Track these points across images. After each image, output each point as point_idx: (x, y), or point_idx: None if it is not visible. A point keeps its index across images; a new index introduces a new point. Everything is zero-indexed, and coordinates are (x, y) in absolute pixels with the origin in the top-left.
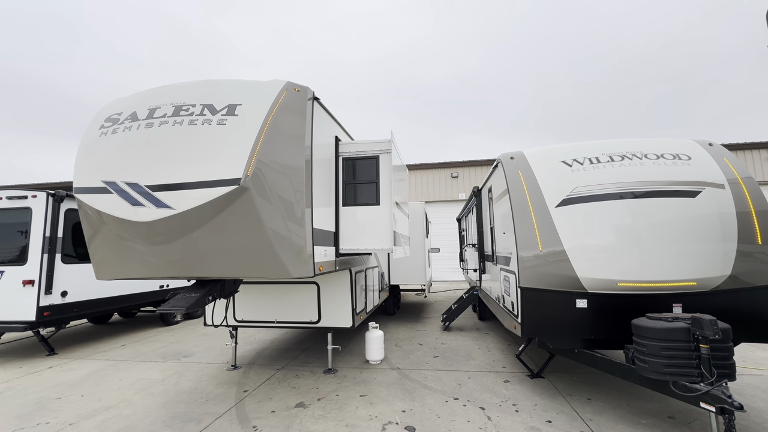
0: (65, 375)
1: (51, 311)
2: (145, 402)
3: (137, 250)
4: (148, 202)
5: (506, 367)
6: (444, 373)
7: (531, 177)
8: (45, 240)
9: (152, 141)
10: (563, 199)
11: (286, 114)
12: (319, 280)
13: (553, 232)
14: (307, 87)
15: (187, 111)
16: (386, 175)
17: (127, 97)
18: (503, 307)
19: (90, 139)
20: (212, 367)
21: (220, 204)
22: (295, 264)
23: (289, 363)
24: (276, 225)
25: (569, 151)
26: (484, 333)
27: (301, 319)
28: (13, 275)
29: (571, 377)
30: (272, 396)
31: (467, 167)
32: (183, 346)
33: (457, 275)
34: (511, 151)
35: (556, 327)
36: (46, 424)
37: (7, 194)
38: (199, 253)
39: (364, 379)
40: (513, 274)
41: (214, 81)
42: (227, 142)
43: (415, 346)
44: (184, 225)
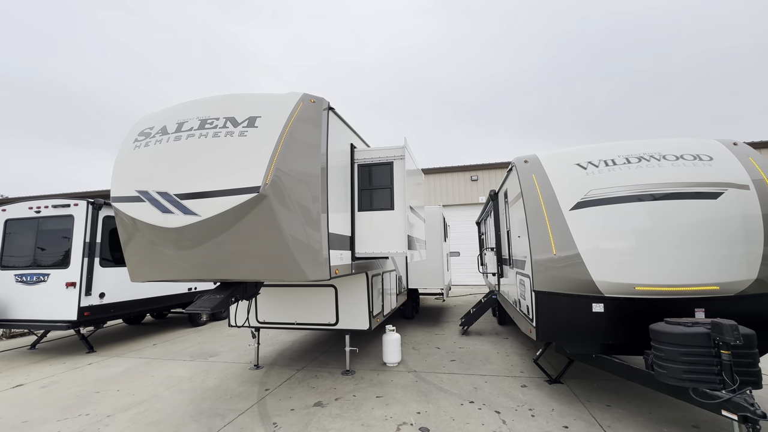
0: (103, 371)
1: (90, 311)
2: (174, 397)
3: (167, 254)
4: (177, 210)
5: (524, 372)
6: (460, 377)
7: (545, 180)
8: (85, 245)
9: (180, 153)
10: (577, 202)
11: (302, 124)
12: (337, 283)
13: (568, 235)
14: (323, 98)
15: (212, 124)
16: (400, 181)
17: (158, 112)
18: (519, 311)
19: (125, 151)
20: (236, 367)
21: (241, 210)
22: (312, 267)
23: (308, 364)
24: (293, 230)
25: (584, 153)
26: (503, 337)
27: (320, 321)
28: (57, 278)
29: (591, 383)
30: (292, 395)
31: (487, 170)
32: (209, 346)
33: (478, 279)
34: (525, 155)
35: (572, 331)
36: (86, 416)
37: (53, 203)
38: (223, 257)
39: (380, 381)
40: (528, 278)
41: (235, 95)
42: (247, 153)
43: (433, 349)
44: (209, 230)
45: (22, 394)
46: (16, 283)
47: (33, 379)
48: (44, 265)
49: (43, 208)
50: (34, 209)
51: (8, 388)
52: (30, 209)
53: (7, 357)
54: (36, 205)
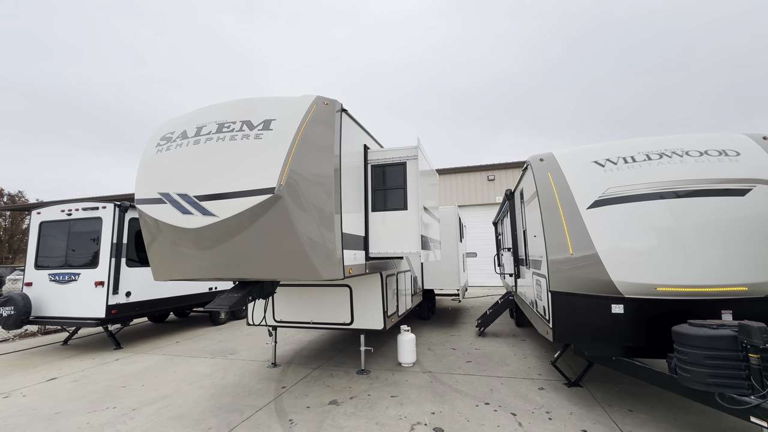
0: (129, 367)
1: (117, 309)
2: (195, 393)
3: (187, 254)
4: (196, 211)
5: (542, 374)
6: (476, 378)
7: (561, 178)
8: (112, 246)
9: (199, 156)
10: (595, 200)
11: (316, 126)
12: (351, 283)
13: (585, 234)
14: (336, 100)
15: (229, 128)
16: (413, 181)
17: (178, 118)
18: (536, 312)
19: (148, 155)
20: (254, 364)
21: (257, 211)
22: (326, 267)
23: (324, 363)
24: (308, 230)
25: (602, 150)
26: (520, 339)
27: (335, 321)
28: (87, 277)
29: (613, 387)
30: (308, 393)
31: (504, 170)
32: (229, 344)
33: (495, 280)
34: (540, 153)
35: (591, 333)
36: (113, 408)
37: (83, 206)
38: (240, 257)
39: (395, 381)
40: (544, 278)
41: (252, 99)
42: (263, 155)
43: (449, 350)
44: (226, 231)
45: (55, 387)
46: (50, 282)
47: (65, 373)
48: (75, 265)
49: (73, 210)
50: (66, 212)
51: (43, 381)
52: (62, 212)
53: (43, 352)
54: (67, 208)
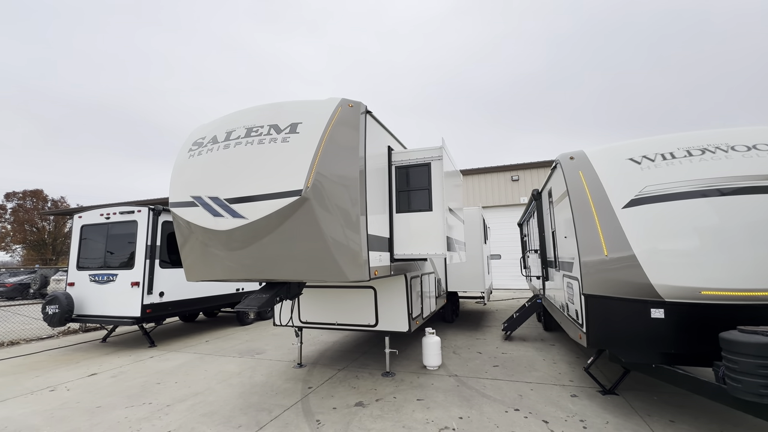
0: (163, 364)
1: (152, 309)
2: (225, 391)
3: (218, 255)
4: (227, 213)
5: (574, 381)
6: (504, 383)
7: (593, 177)
8: (147, 248)
9: (229, 160)
10: (631, 199)
11: (341, 128)
12: (376, 284)
13: (620, 235)
14: (360, 102)
15: (257, 132)
16: (438, 182)
17: (208, 123)
18: (567, 316)
19: (181, 160)
20: (281, 364)
21: (284, 213)
22: (352, 268)
23: (349, 364)
24: (334, 231)
25: (637, 147)
26: (549, 344)
27: (360, 322)
28: (124, 278)
29: (651, 396)
30: (333, 394)
31: (528, 169)
32: (256, 344)
33: (520, 283)
34: (571, 151)
35: (628, 338)
36: (149, 404)
37: (120, 209)
38: (268, 258)
39: (421, 384)
40: (576, 281)
41: (278, 103)
42: (290, 158)
43: (474, 354)
44: (255, 233)
45: (96, 382)
46: (90, 282)
47: (105, 369)
48: (113, 266)
49: (111, 214)
50: (104, 216)
51: (85, 376)
52: (101, 216)
53: (84, 348)
54: (106, 212)
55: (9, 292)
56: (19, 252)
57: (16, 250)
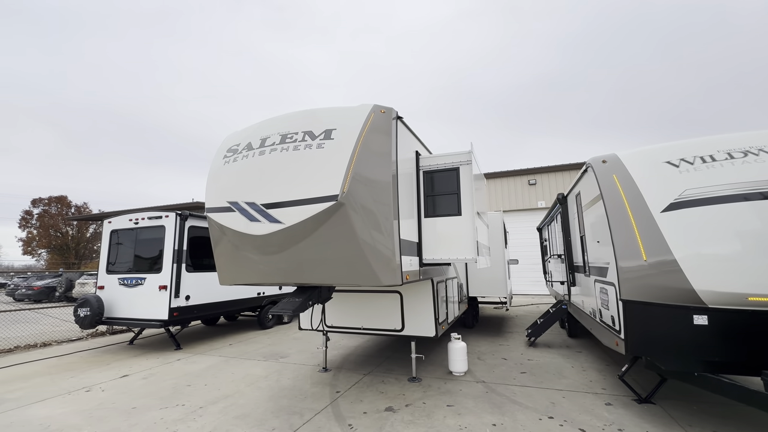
0: (190, 366)
1: (179, 312)
2: (254, 394)
3: (253, 259)
4: (263, 218)
5: (606, 389)
6: (534, 390)
7: (628, 180)
8: (174, 252)
9: (265, 166)
10: (670, 203)
11: (374, 134)
12: (402, 289)
13: (660, 239)
14: (391, 108)
15: (292, 138)
16: (467, 186)
17: (242, 130)
18: (600, 322)
19: (216, 167)
20: (306, 368)
21: (320, 218)
22: (385, 273)
23: (374, 369)
24: (368, 236)
25: (674, 150)
26: (575, 351)
27: (386, 327)
28: (152, 281)
29: (690, 406)
30: (362, 399)
31: (546, 173)
32: (279, 348)
33: (537, 288)
34: (602, 154)
35: (668, 346)
36: (182, 406)
37: (148, 215)
38: (303, 262)
39: (449, 390)
40: (612, 286)
41: (312, 110)
42: (325, 163)
43: (499, 360)
44: (291, 237)
45: (128, 383)
46: (119, 286)
47: (135, 370)
48: (141, 270)
49: (140, 219)
50: (134, 221)
51: (117, 378)
52: (130, 221)
53: (113, 350)
54: (134, 217)
55: (36, 294)
56: (43, 256)
57: (41, 254)
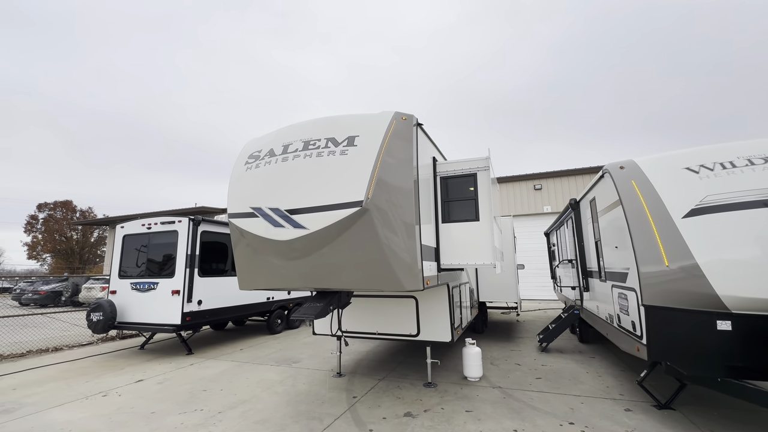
0: (204, 371)
1: (191, 317)
2: (271, 399)
3: (275, 264)
4: (287, 224)
5: (624, 394)
6: (551, 396)
7: (647, 186)
8: (187, 257)
9: (288, 172)
10: (692, 209)
11: (396, 141)
12: (418, 294)
13: (682, 245)
14: (412, 115)
15: (314, 145)
16: (485, 192)
17: (263, 137)
18: (618, 328)
19: (238, 173)
20: (320, 373)
21: (345, 224)
22: (408, 278)
23: (388, 374)
24: (391, 242)
25: (694, 156)
26: (588, 356)
27: (401, 332)
28: (165, 286)
29: (710, 411)
30: (380, 404)
31: (551, 178)
32: (290, 353)
33: (544, 293)
34: (619, 161)
35: (691, 351)
36: (201, 411)
37: (161, 220)
38: (326, 267)
39: (465, 395)
40: (633, 292)
41: (334, 117)
42: (349, 170)
43: (513, 365)
44: (315, 243)
45: (144, 388)
46: (131, 291)
47: (149, 375)
48: (154, 274)
49: (153, 224)
50: (146, 226)
51: (132, 382)
52: (142, 226)
53: (125, 355)
54: (147, 222)
55: (42, 299)
56: (47, 261)
57: (45, 258)
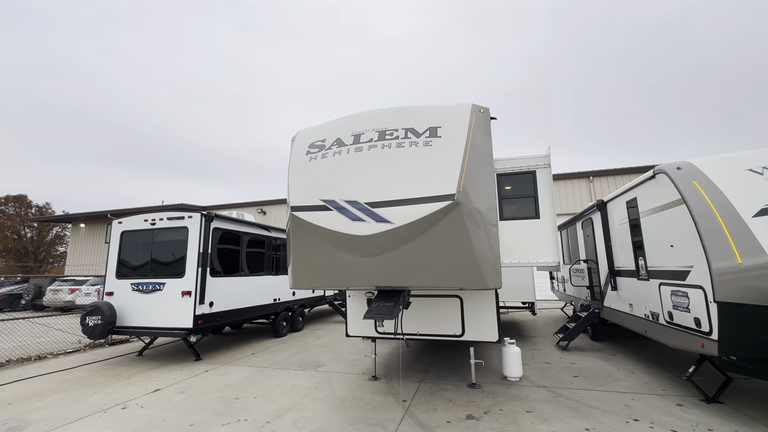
0: (225, 378)
1: (203, 320)
2: (315, 406)
3: (348, 261)
4: (368, 218)
5: (666, 390)
6: (600, 394)
7: (711, 186)
8: (199, 255)
9: (364, 163)
10: (762, 208)
11: (479, 134)
12: (463, 294)
13: (754, 242)
14: (488, 108)
15: (391, 135)
16: (545, 189)
17: (321, 126)
18: (668, 325)
19: (299, 163)
20: (352, 377)
21: (434, 218)
22: (491, 276)
23: (424, 377)
24: (478, 237)
25: (755, 158)
26: (610, 354)
27: (445, 332)
28: (173, 287)
29: (757, 404)
30: (435, 407)
31: None
32: (308, 357)
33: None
34: (674, 161)
35: (759, 345)
36: (245, 421)
37: (167, 215)
38: (405, 264)
39: (516, 395)
40: (698, 289)
41: (405, 108)
42: (437, 161)
43: (543, 364)
44: (399, 238)
45: (167, 398)
46: (132, 292)
47: (165, 384)
48: (160, 274)
49: (158, 220)
50: (149, 221)
51: (149, 392)
52: (145, 221)
53: (124, 362)
54: (151, 217)
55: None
56: None
57: None
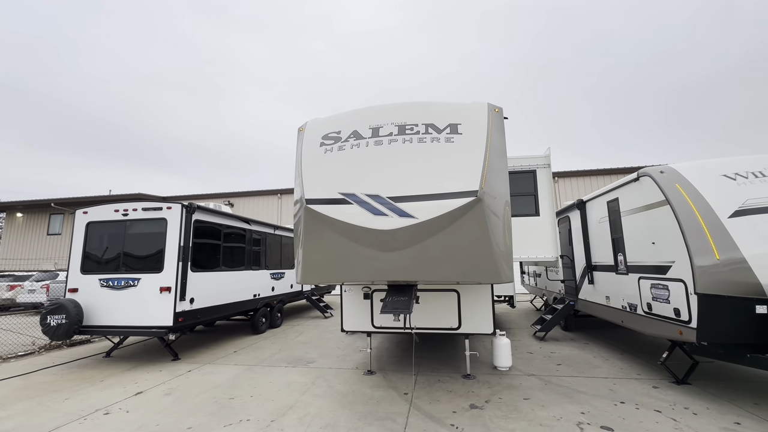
0: (212, 378)
1: (183, 317)
2: (318, 402)
3: (367, 256)
4: (391, 212)
5: (641, 374)
6: (585, 380)
7: (691, 189)
8: (180, 249)
9: (385, 156)
10: (736, 210)
11: (496, 132)
12: (460, 288)
13: (729, 241)
14: (501, 107)
15: (412, 130)
16: (545, 188)
17: (334, 116)
18: (646, 315)
19: (312, 154)
20: (347, 372)
21: (456, 214)
22: (506, 270)
23: (419, 369)
24: (495, 233)
25: (728, 165)
26: (583, 343)
27: (441, 326)
28: (149, 282)
29: (717, 383)
30: (438, 399)
31: None
32: (295, 353)
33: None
34: (657, 165)
35: (731, 332)
36: (247, 421)
37: (142, 206)
38: (427, 259)
39: (510, 384)
40: (679, 282)
41: (423, 103)
42: (459, 158)
43: (526, 354)
44: (422, 233)
45: (153, 401)
46: (101, 288)
47: (146, 386)
48: (133, 269)
49: (131, 210)
50: (121, 212)
51: (131, 395)
52: (116, 212)
53: (91, 364)
54: (123, 207)
55: None
56: None
57: None
